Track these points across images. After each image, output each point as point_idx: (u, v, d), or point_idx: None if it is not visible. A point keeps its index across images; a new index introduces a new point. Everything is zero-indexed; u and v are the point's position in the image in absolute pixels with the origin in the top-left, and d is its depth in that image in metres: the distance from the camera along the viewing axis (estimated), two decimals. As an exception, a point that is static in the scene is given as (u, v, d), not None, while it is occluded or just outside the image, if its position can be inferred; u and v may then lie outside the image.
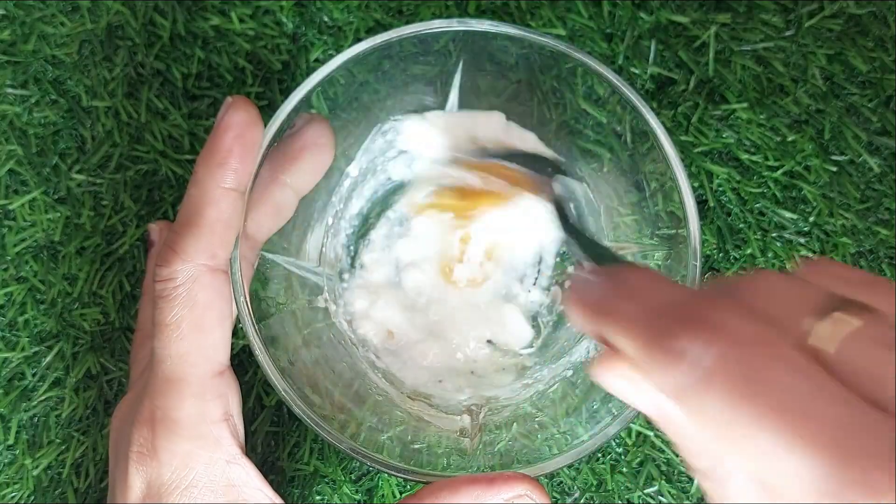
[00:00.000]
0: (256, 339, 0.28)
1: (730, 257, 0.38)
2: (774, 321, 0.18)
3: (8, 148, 0.39)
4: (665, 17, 0.40)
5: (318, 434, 0.28)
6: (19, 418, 0.37)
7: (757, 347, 0.17)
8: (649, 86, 0.40)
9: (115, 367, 0.37)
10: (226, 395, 0.28)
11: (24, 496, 0.36)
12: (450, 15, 0.40)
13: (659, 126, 0.30)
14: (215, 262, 0.27)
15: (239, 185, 0.28)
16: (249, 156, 0.28)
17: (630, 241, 0.34)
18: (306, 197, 0.33)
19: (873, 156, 0.39)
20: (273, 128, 0.30)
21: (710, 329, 0.18)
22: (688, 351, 0.18)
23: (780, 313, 0.18)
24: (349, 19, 0.40)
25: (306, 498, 0.36)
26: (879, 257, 0.38)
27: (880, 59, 0.40)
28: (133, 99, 0.40)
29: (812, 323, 0.17)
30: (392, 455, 0.29)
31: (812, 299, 0.18)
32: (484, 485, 0.25)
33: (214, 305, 0.27)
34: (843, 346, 0.17)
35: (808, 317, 0.18)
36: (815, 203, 0.38)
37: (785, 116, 0.39)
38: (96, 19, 0.41)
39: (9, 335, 0.38)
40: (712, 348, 0.17)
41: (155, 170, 0.39)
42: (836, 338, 0.17)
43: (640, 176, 0.33)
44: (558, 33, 0.40)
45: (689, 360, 0.17)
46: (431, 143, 0.36)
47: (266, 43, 0.40)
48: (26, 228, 0.39)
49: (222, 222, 0.27)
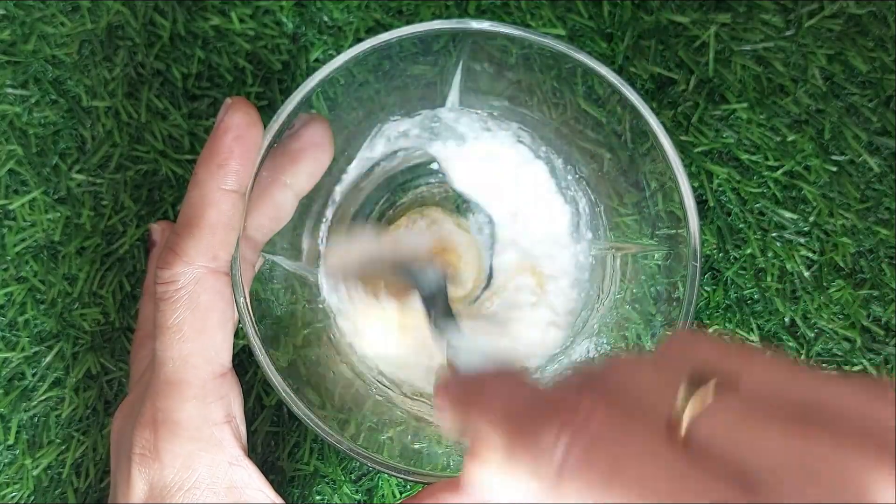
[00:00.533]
0: (256, 340, 0.28)
1: (730, 257, 0.38)
2: (634, 405, 0.17)
3: (8, 148, 0.39)
4: (665, 17, 0.40)
5: (318, 434, 0.28)
6: (19, 418, 0.37)
7: (613, 434, 0.17)
8: (649, 86, 0.40)
9: (115, 367, 0.37)
10: (228, 397, 0.28)
11: (24, 496, 0.36)
12: (450, 15, 0.40)
13: (659, 126, 0.30)
14: (217, 263, 0.27)
15: (239, 187, 0.28)
16: (249, 157, 0.28)
17: (630, 241, 0.34)
18: (306, 197, 0.33)
19: (873, 156, 0.39)
20: (273, 129, 0.30)
21: (568, 417, 0.17)
22: (546, 440, 0.17)
23: (639, 397, 0.18)
24: (349, 19, 0.40)
25: (306, 498, 0.36)
26: (879, 257, 0.38)
27: (880, 59, 0.39)
28: (133, 99, 0.40)
29: (671, 404, 0.17)
30: (392, 455, 0.29)
31: (670, 380, 0.17)
32: None
33: (216, 307, 0.27)
34: (700, 424, 0.16)
35: (667, 398, 0.17)
36: (815, 203, 0.38)
37: (785, 116, 0.39)
38: (96, 19, 0.41)
39: (9, 335, 0.38)
40: (569, 437, 0.17)
41: (155, 170, 0.39)
42: (693, 416, 0.16)
43: (640, 176, 0.33)
44: (558, 33, 0.40)
45: (548, 449, 0.17)
46: None
47: (266, 43, 0.40)
48: (26, 228, 0.39)
49: (223, 224, 0.27)
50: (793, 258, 0.38)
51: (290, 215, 0.32)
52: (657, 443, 0.16)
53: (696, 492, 0.15)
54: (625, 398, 0.18)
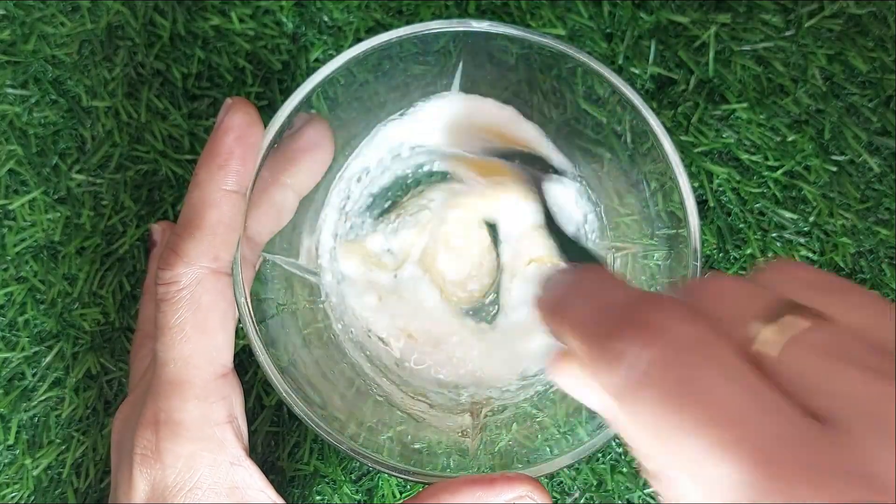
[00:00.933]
0: (257, 340, 0.28)
1: (730, 257, 0.38)
2: (720, 324, 0.17)
3: (8, 148, 0.39)
4: (665, 17, 0.40)
5: (318, 434, 0.28)
6: (19, 418, 0.37)
7: (694, 351, 0.17)
8: (649, 86, 0.40)
9: (115, 367, 0.37)
10: (229, 397, 0.28)
11: (24, 496, 0.36)
12: (450, 15, 0.40)
13: (659, 126, 0.30)
14: (218, 264, 0.27)
15: (240, 187, 0.28)
16: (250, 157, 0.28)
17: (630, 241, 0.34)
18: (306, 197, 0.33)
19: (873, 156, 0.39)
20: (273, 129, 0.30)
21: (649, 331, 0.17)
22: (626, 353, 0.17)
23: (727, 316, 0.18)
24: (349, 19, 0.40)
25: (306, 498, 0.36)
26: (879, 257, 0.38)
27: (880, 59, 0.40)
28: (133, 99, 0.40)
29: (759, 327, 0.17)
30: (392, 455, 0.29)
31: (761, 303, 0.18)
32: (485, 486, 0.25)
33: (218, 307, 0.27)
34: (786, 351, 0.17)
35: (756, 321, 0.17)
36: (815, 203, 0.38)
37: (785, 116, 0.39)
38: (96, 19, 0.41)
39: (9, 335, 0.38)
40: (648, 351, 0.17)
41: (155, 170, 0.39)
42: (780, 343, 0.17)
43: (640, 176, 0.33)
44: (558, 33, 0.40)
45: (627, 362, 0.17)
46: (436, 129, 0.36)
47: (266, 43, 0.40)
48: (26, 228, 0.39)
49: (224, 225, 0.27)
50: (793, 258, 0.38)
51: (291, 215, 0.32)
52: (739, 363, 0.17)
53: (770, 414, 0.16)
54: (713, 316, 0.18)
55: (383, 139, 0.36)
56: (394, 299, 0.35)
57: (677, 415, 0.16)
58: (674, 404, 0.16)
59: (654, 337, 0.17)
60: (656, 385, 0.17)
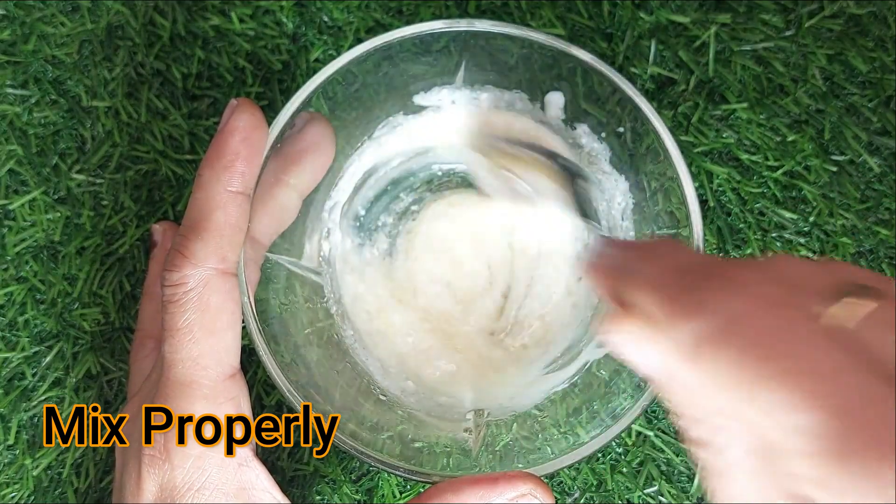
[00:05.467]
0: (261, 340, 0.28)
1: (730, 257, 0.38)
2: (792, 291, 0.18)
3: (8, 148, 0.39)
4: (665, 17, 0.40)
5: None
6: (19, 418, 0.37)
7: (779, 308, 0.18)
8: (649, 86, 0.40)
9: (115, 367, 0.37)
10: (237, 398, 0.28)
11: (24, 496, 0.36)
12: (450, 15, 0.40)
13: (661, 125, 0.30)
14: (225, 265, 0.27)
15: (245, 188, 0.28)
16: (255, 158, 0.28)
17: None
18: (308, 197, 0.33)
19: (873, 156, 0.39)
20: (275, 130, 0.30)
21: (735, 285, 0.18)
22: (710, 302, 0.18)
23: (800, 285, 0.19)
24: (349, 19, 0.40)
25: (306, 498, 0.36)
26: (879, 257, 0.38)
27: (880, 59, 0.40)
28: (133, 99, 0.40)
29: (828, 302, 0.18)
30: (392, 454, 0.29)
31: (826, 281, 0.18)
32: (488, 485, 0.25)
33: (226, 308, 0.27)
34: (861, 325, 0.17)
35: (821, 297, 0.18)
36: (815, 203, 0.38)
37: (785, 116, 0.39)
38: (96, 19, 0.41)
39: (9, 335, 0.38)
40: (734, 301, 0.18)
41: (155, 170, 0.39)
42: (853, 318, 0.17)
43: (640, 176, 0.33)
44: (558, 33, 0.40)
45: (710, 309, 0.18)
46: (459, 128, 0.36)
47: (266, 43, 0.40)
48: (26, 228, 0.38)
49: (231, 225, 0.27)
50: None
51: (295, 215, 0.32)
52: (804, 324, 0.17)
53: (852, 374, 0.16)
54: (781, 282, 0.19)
55: (385, 139, 0.36)
56: (396, 301, 0.35)
57: (761, 363, 0.17)
58: (757, 354, 0.17)
59: (740, 290, 0.18)
60: (740, 335, 0.18)
